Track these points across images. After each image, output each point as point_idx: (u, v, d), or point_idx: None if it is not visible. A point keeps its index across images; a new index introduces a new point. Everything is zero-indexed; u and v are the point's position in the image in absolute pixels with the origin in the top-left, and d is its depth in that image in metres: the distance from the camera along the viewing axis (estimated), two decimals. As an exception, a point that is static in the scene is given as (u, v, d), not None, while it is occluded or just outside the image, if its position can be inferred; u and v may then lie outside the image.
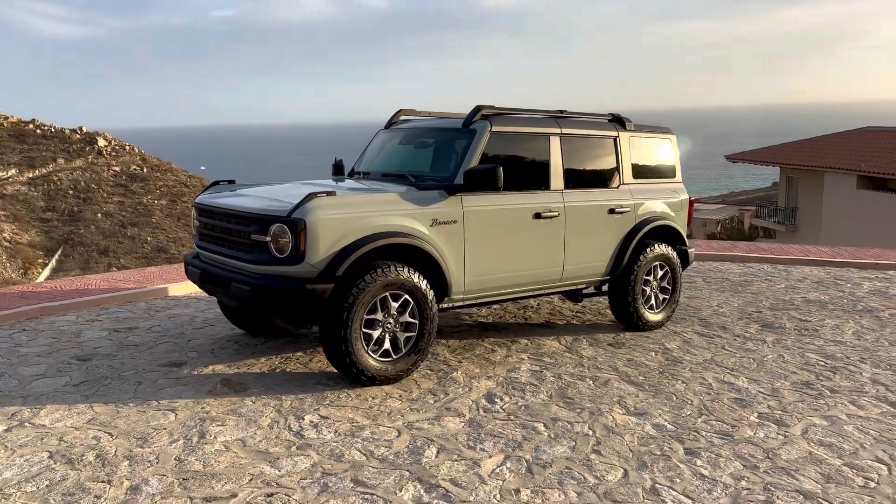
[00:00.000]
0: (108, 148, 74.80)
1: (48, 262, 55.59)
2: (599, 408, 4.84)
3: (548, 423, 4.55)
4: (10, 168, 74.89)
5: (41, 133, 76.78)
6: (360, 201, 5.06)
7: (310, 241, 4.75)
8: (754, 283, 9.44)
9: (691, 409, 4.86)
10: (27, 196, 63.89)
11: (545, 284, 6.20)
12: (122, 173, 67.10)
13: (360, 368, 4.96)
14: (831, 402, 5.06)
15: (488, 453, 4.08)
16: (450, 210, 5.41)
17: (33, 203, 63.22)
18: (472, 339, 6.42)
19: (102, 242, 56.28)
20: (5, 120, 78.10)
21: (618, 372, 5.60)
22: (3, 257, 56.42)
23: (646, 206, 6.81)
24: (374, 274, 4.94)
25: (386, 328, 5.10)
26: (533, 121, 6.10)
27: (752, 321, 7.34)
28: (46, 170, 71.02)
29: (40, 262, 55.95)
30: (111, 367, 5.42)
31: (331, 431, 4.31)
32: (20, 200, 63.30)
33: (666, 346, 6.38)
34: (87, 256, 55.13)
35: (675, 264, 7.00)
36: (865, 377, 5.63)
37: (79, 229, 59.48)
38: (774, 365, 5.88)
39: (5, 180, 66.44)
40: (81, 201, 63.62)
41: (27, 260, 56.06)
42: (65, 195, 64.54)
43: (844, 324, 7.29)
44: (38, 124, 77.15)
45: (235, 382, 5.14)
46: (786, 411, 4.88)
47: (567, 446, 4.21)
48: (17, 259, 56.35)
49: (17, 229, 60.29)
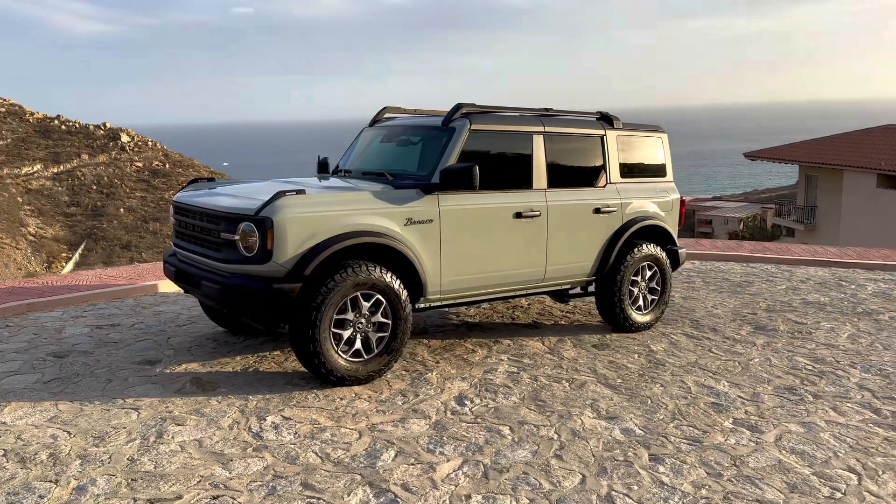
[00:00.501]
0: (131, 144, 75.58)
1: (71, 257, 56.35)
2: (570, 411, 4.75)
3: (514, 426, 4.48)
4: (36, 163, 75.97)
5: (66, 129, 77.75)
6: (331, 200, 5.00)
7: (277, 239, 4.71)
8: (755, 283, 9.28)
9: (664, 414, 4.76)
10: (52, 191, 64.79)
11: (528, 285, 6.11)
12: (144, 169, 67.79)
13: (330, 368, 4.91)
14: (812, 409, 4.94)
15: (447, 457, 4.01)
16: (425, 209, 5.34)
17: (58, 198, 64.08)
18: (454, 339, 6.35)
19: (125, 237, 56.89)
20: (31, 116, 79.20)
21: (596, 374, 5.51)
22: (28, 251, 57.27)
23: (634, 206, 6.69)
24: (344, 273, 4.89)
25: (357, 328, 5.05)
26: (515, 119, 6.01)
27: (745, 323, 7.20)
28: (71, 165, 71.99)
29: (64, 257, 56.74)
30: (85, 365, 5.42)
31: (291, 433, 4.27)
32: (45, 195, 64.20)
33: (651, 347, 6.27)
34: (110, 251, 55.79)
35: (664, 265, 6.88)
36: (852, 382, 5.49)
37: (102, 224, 60.19)
38: (760, 369, 5.75)
39: (31, 175, 67.38)
40: (105, 196, 64.36)
41: (51, 254, 56.86)
42: (88, 190, 65.34)
43: (841, 327, 7.13)
44: (63, 120, 78.11)
45: (205, 381, 5.11)
46: (762, 417, 4.76)
47: (529, 451, 4.13)
48: (41, 253, 57.17)
49: (41, 224, 61.15)
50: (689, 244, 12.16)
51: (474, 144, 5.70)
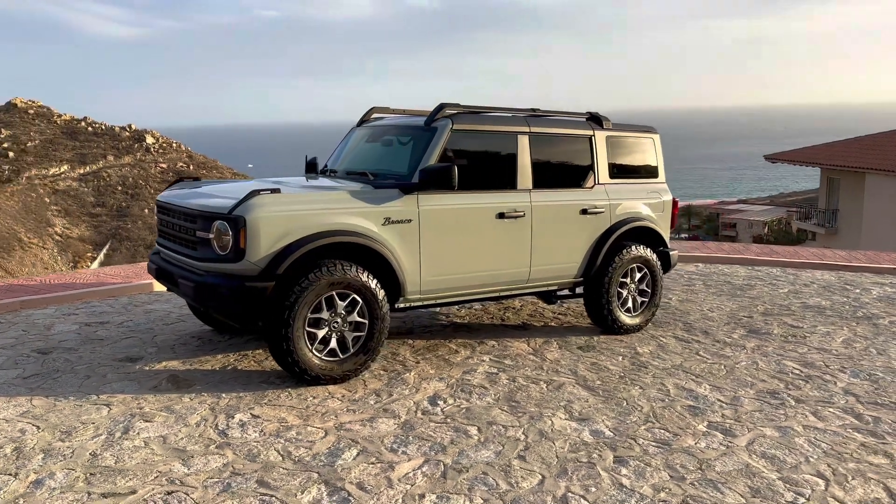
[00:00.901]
0: (156, 145, 76.47)
1: (97, 256, 57.14)
2: (542, 412, 4.72)
3: (482, 426, 4.45)
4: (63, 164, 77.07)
5: (92, 130, 78.88)
6: (306, 199, 5.01)
7: (250, 238, 4.73)
8: (756, 286, 9.16)
9: (638, 416, 4.71)
10: (78, 191, 65.78)
11: (512, 285, 6.08)
12: (168, 170, 68.56)
13: (303, 367, 4.92)
14: (791, 413, 4.86)
15: (409, 456, 4.00)
16: (404, 209, 5.34)
17: (84, 198, 65.03)
18: (438, 340, 6.34)
19: (149, 237, 57.55)
20: (59, 118, 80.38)
21: (576, 376, 5.47)
22: (54, 251, 58.17)
23: (623, 207, 6.63)
24: (319, 272, 4.90)
25: (333, 327, 5.05)
26: (499, 119, 5.99)
27: (739, 326, 7.11)
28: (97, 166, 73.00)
29: (89, 256, 57.57)
30: (67, 361, 5.49)
31: (256, 431, 4.28)
32: (71, 196, 65.20)
33: (637, 350, 6.21)
34: (134, 251, 56.51)
35: (654, 267, 6.81)
36: (839, 387, 5.39)
37: (126, 224, 60.99)
38: (745, 372, 5.67)
39: (58, 176, 68.40)
40: (129, 197, 65.22)
41: (77, 253, 57.72)
42: (114, 191, 66.26)
43: (837, 331, 7.01)
44: (89, 122, 79.22)
45: (182, 379, 5.15)
46: (739, 421, 4.69)
47: (493, 451, 4.11)
48: (67, 252, 58.07)
49: (67, 224, 62.11)
50: (695, 247, 12.04)
51: (457, 144, 5.69)
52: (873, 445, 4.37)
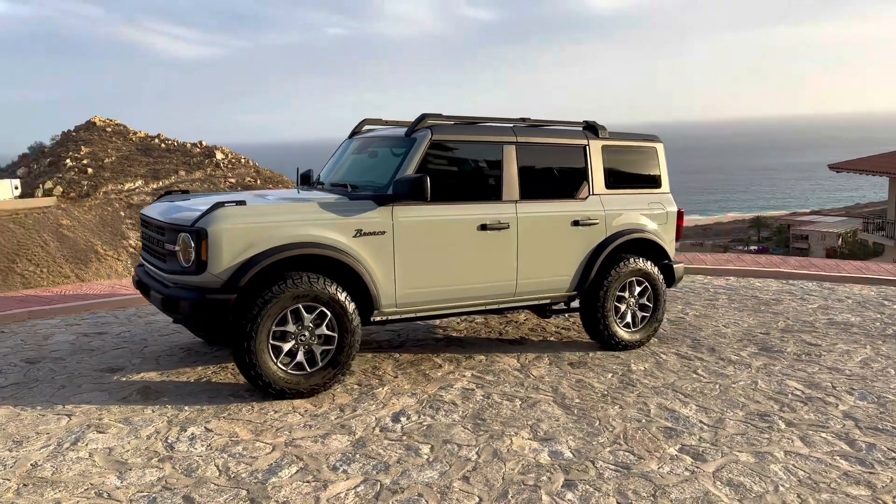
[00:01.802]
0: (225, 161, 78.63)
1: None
2: (505, 431, 4.54)
3: (437, 445, 4.31)
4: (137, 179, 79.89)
5: (165, 147, 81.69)
6: (271, 211, 4.98)
7: (212, 250, 4.72)
8: (784, 301, 8.73)
9: (607, 437, 4.49)
10: (151, 206, 68.01)
11: (498, 299, 5.92)
12: (237, 185, 70.42)
13: (267, 381, 4.87)
14: (776, 437, 4.55)
15: (348, 475, 3.89)
16: (377, 220, 5.25)
17: (156, 212, 67.16)
18: (426, 354, 6.21)
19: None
20: (134, 135, 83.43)
21: (556, 393, 5.27)
22: (128, 262, 60.30)
23: (621, 218, 6.39)
24: (283, 285, 4.85)
25: (300, 340, 4.99)
26: (483, 129, 5.85)
27: (751, 343, 6.76)
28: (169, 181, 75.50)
29: (160, 268, 59.27)
30: (51, 371, 5.59)
31: (204, 445, 4.24)
32: (144, 210, 67.45)
33: (631, 367, 5.95)
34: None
35: (655, 281, 6.53)
36: (839, 410, 5.05)
37: (195, 237, 62.58)
38: (740, 393, 5.36)
39: (132, 191, 71.12)
40: (199, 211, 67.02)
41: (148, 265, 59.51)
42: (184, 205, 68.22)
43: (858, 349, 6.59)
44: (162, 139, 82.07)
45: (153, 390, 5.17)
46: (715, 444, 4.42)
47: (438, 471, 3.96)
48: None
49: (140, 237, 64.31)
50: (728, 259, 11.59)
51: (437, 155, 5.58)
52: (857, 475, 4.05)
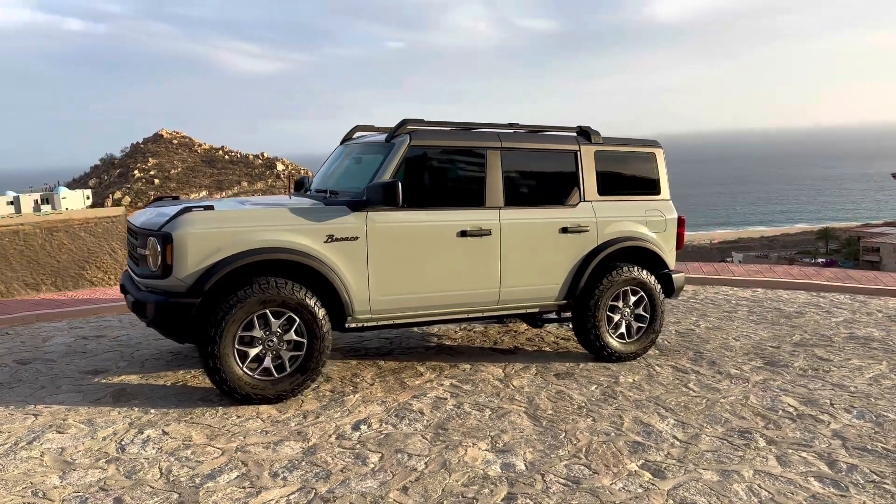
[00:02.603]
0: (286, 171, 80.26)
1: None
2: (464, 442, 4.43)
3: (388, 454, 4.22)
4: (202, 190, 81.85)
5: (229, 158, 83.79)
6: (239, 216, 4.98)
7: (177, 255, 4.75)
8: (808, 314, 8.35)
9: (568, 451, 4.33)
10: (214, 215, 69.66)
11: (481, 307, 5.80)
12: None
13: (232, 385, 4.87)
14: (751, 456, 4.32)
15: (285, 483, 3.84)
16: (350, 226, 5.21)
17: (219, 221, 68.84)
18: (411, 362, 6.13)
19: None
20: (199, 147, 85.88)
21: (530, 404, 5.12)
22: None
23: (615, 226, 6.20)
24: (249, 290, 4.85)
25: (268, 346, 4.98)
26: (464, 135, 5.76)
27: (758, 357, 6.47)
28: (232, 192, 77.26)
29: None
30: (38, 372, 5.71)
31: (156, 448, 4.25)
32: (208, 219, 69.12)
33: (619, 379, 5.76)
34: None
35: (652, 290, 6.31)
36: (830, 428, 4.77)
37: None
38: (727, 408, 5.12)
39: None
40: (260, 220, 68.39)
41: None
42: (246, 214, 69.74)
43: (873, 366, 6.24)
44: (226, 150, 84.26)
45: (128, 393, 5.23)
46: (681, 461, 4.22)
47: (379, 481, 3.87)
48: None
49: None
50: (758, 270, 11.16)
51: (416, 160, 5.53)
52: (826, 498, 3.80)
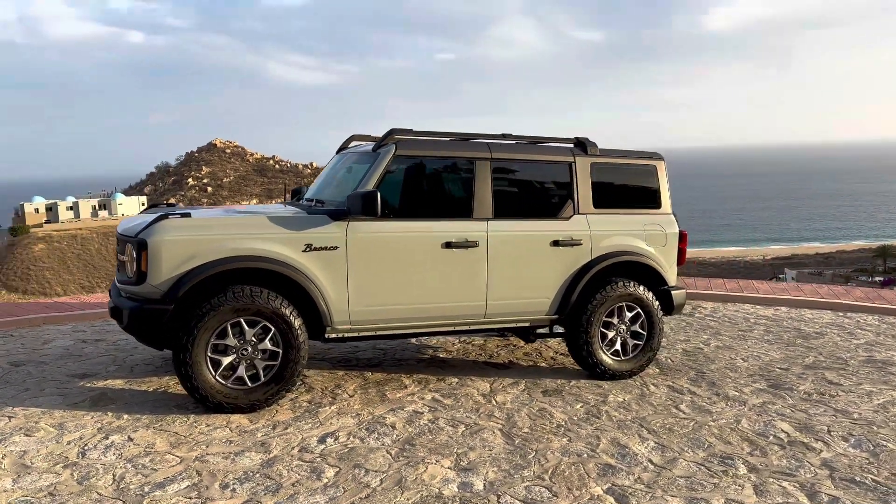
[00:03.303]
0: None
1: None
2: (428, 459, 4.32)
3: (345, 469, 4.14)
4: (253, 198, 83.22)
5: (279, 168, 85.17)
6: (216, 224, 4.97)
7: (151, 261, 4.76)
8: (828, 335, 8.00)
9: (533, 471, 4.19)
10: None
11: (466, 320, 5.68)
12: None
13: (204, 393, 4.85)
14: (727, 483, 4.12)
15: (234, 494, 3.79)
16: (330, 235, 5.16)
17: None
18: (399, 374, 6.04)
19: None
20: (251, 156, 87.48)
21: (508, 422, 4.98)
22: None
23: (610, 240, 6.03)
24: (222, 297, 4.83)
25: (242, 355, 4.95)
26: (453, 145, 5.67)
27: (763, 379, 6.21)
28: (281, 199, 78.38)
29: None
30: (28, 374, 5.79)
31: (116, 454, 4.24)
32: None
33: (609, 398, 5.58)
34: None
35: (649, 307, 6.11)
36: (821, 457, 4.53)
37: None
38: (714, 431, 4.91)
39: (248, 208, 74.32)
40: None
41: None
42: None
43: (885, 392, 5.93)
44: (276, 160, 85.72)
45: (108, 398, 5.25)
46: (649, 487, 4.04)
47: (328, 497, 3.79)
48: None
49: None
50: (783, 288, 10.78)
51: (401, 170, 5.47)
52: (795, 531, 3.59)
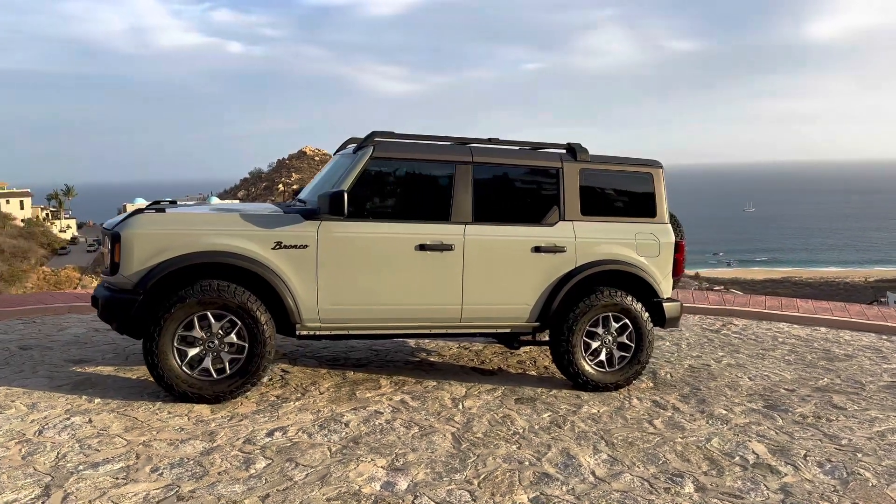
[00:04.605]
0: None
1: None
2: (364, 457, 4.33)
3: (277, 462, 4.19)
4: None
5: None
6: (190, 219, 5.15)
7: (124, 253, 4.98)
8: (857, 358, 7.57)
9: (465, 475, 4.14)
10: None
11: (441, 323, 5.67)
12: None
13: (170, 382, 5.02)
14: (663, 500, 3.97)
15: (159, 478, 3.90)
16: (301, 234, 5.27)
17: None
18: (379, 374, 6.08)
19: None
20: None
21: (464, 427, 4.94)
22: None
23: (598, 248, 5.89)
24: (189, 290, 5.00)
25: (208, 347, 5.11)
26: (430, 148, 5.68)
27: (761, 399, 5.94)
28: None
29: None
30: (29, 357, 6.13)
31: (70, 434, 4.43)
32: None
33: (583, 409, 5.45)
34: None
35: (638, 318, 5.94)
36: (781, 482, 4.31)
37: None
38: (678, 448, 4.73)
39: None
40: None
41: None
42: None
43: (891, 419, 5.58)
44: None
45: (90, 382, 5.50)
46: (578, 499, 3.94)
47: (245, 487, 3.85)
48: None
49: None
50: (830, 308, 10.21)
51: (378, 172, 5.53)
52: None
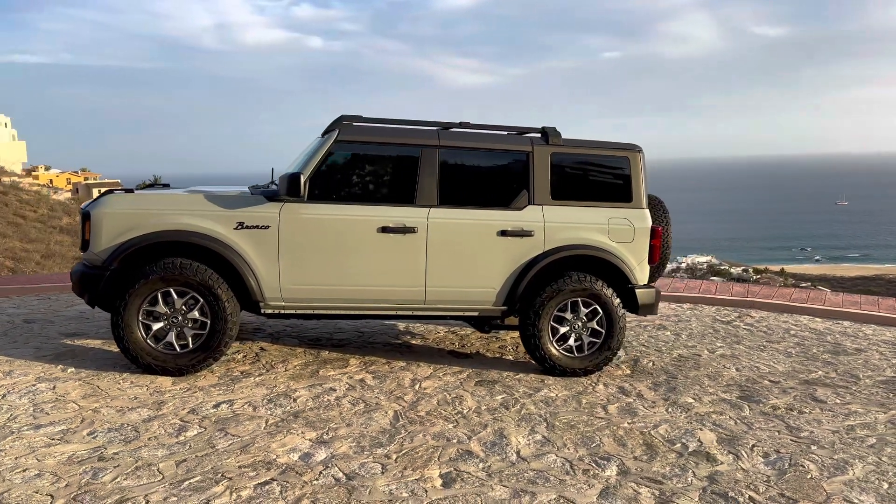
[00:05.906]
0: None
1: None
2: (293, 430, 4.46)
3: (207, 432, 4.34)
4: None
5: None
6: (157, 200, 5.38)
7: (93, 231, 5.26)
8: (868, 352, 7.25)
9: (387, 450, 4.22)
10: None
11: (405, 305, 5.74)
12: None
13: (135, 355, 5.27)
14: (576, 482, 3.97)
15: (92, 440, 4.13)
16: (263, 215, 5.43)
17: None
18: (350, 354, 6.21)
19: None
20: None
21: (411, 406, 5.01)
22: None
23: (567, 233, 5.84)
24: (153, 267, 5.24)
25: (172, 322, 5.34)
26: (400, 132, 5.75)
27: (738, 389, 5.79)
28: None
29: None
30: (28, 329, 6.52)
31: (30, 399, 4.73)
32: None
33: (541, 392, 5.44)
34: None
35: (608, 304, 5.86)
36: (711, 469, 4.22)
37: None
38: (619, 433, 4.69)
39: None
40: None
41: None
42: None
43: (870, 414, 5.37)
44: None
45: (74, 354, 5.82)
46: (488, 476, 3.97)
47: (167, 452, 4.03)
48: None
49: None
50: (860, 301, 9.75)
51: (343, 155, 5.64)
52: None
